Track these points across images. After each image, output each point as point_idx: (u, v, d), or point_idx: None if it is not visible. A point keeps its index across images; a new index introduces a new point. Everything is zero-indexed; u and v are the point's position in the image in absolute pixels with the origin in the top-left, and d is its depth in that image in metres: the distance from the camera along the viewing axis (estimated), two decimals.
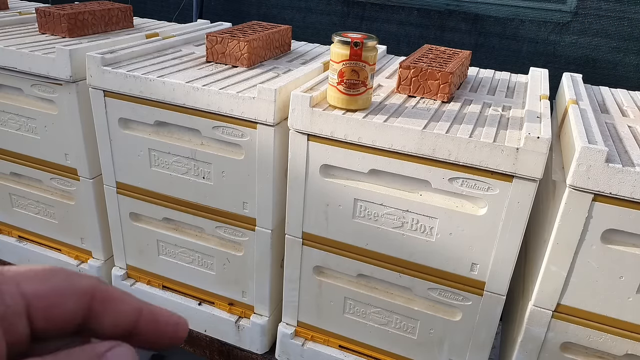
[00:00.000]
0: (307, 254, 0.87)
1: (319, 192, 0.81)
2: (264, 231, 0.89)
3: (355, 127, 0.74)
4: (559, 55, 1.19)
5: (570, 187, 0.66)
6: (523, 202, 0.70)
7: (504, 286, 0.76)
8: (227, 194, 0.88)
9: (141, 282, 1.06)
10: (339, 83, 0.75)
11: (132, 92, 0.87)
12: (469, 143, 0.69)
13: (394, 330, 0.87)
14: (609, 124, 0.79)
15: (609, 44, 1.15)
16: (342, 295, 0.87)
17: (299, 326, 0.94)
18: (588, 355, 0.76)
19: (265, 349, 0.99)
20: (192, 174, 0.90)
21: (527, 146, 0.67)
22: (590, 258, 0.69)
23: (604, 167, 0.63)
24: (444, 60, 0.88)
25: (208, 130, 0.84)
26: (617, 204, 0.65)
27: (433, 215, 0.75)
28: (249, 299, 0.96)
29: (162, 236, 0.99)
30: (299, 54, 1.07)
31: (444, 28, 1.27)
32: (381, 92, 0.86)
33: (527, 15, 1.18)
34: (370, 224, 0.80)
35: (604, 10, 1.13)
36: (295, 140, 0.79)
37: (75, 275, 0.21)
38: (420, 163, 0.73)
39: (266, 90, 0.77)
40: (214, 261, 0.96)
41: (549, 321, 0.74)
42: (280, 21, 1.39)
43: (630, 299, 0.69)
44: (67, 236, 1.11)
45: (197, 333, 1.03)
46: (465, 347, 0.83)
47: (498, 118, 0.78)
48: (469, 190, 0.72)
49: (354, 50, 0.73)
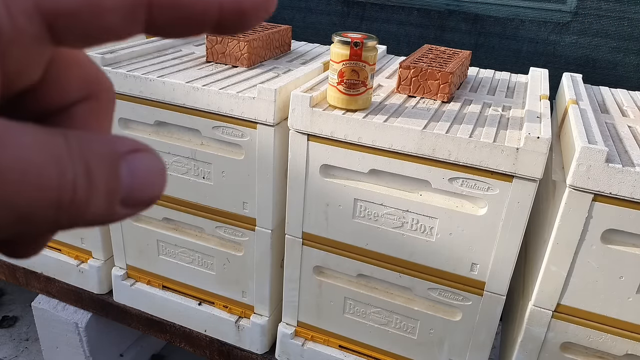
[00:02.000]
0: (307, 254, 0.87)
1: (319, 192, 0.81)
2: (264, 231, 0.89)
3: (355, 127, 0.74)
4: (559, 55, 1.19)
5: (570, 187, 0.66)
6: (523, 202, 0.70)
7: (504, 286, 0.76)
8: (227, 194, 0.88)
9: (141, 282, 1.06)
10: (339, 83, 0.75)
11: (132, 92, 0.87)
12: (469, 143, 0.69)
13: (394, 330, 0.87)
14: (609, 124, 0.79)
15: (609, 44, 1.15)
16: (342, 295, 0.87)
17: (299, 326, 0.94)
18: (588, 355, 0.76)
19: (265, 349, 0.99)
20: (192, 174, 0.90)
21: (527, 146, 0.67)
22: (590, 258, 0.69)
23: (604, 167, 0.63)
24: (444, 60, 0.88)
25: (208, 130, 0.84)
26: (617, 204, 0.65)
27: (433, 215, 0.75)
28: (249, 299, 0.96)
29: (162, 236, 0.99)
30: (299, 54, 1.07)
31: (444, 28, 1.27)
32: (381, 92, 0.86)
33: (527, 15, 1.18)
34: (370, 224, 0.80)
35: (604, 10, 1.13)
36: (295, 140, 0.79)
37: None
38: (420, 163, 0.73)
39: (266, 90, 0.77)
40: (214, 261, 0.96)
41: (549, 321, 0.74)
42: (280, 21, 1.39)
43: (630, 299, 0.69)
44: (67, 236, 1.11)
45: (197, 333, 1.03)
46: (465, 347, 0.83)
47: (498, 118, 0.78)
48: (469, 190, 0.72)
49: (354, 50, 0.73)
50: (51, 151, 0.13)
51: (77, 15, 0.13)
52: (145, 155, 0.15)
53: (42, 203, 0.13)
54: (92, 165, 0.14)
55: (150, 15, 0.14)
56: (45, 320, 1.18)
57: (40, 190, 0.13)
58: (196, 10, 0.14)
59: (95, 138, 0.14)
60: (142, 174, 0.15)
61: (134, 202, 0.15)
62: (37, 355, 1.39)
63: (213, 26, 0.15)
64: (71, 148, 0.14)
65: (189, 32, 0.15)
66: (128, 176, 0.15)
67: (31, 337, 1.45)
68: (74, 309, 1.16)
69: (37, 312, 1.18)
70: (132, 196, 0.15)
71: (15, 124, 0.13)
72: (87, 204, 0.14)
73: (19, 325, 1.50)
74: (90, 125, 0.17)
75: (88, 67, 0.17)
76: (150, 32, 0.15)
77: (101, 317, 1.14)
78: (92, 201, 0.14)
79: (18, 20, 0.13)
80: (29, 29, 0.13)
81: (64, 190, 0.13)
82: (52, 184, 0.13)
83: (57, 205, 0.13)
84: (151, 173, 0.15)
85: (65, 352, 1.19)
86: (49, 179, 0.13)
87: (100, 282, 1.10)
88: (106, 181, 0.14)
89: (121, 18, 0.14)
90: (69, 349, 1.18)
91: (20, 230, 0.13)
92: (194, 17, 0.14)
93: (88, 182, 0.14)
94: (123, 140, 0.15)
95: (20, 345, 1.43)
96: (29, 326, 1.48)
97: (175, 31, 0.15)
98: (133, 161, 0.15)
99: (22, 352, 1.41)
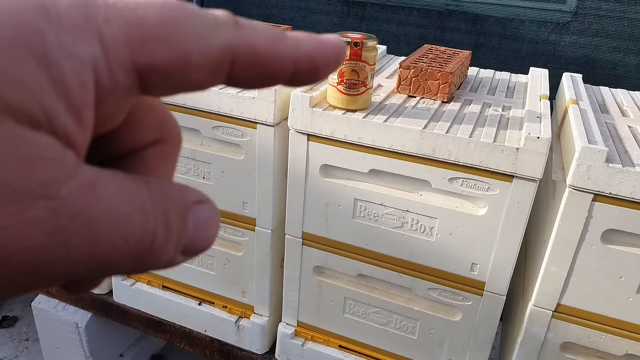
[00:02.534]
0: (307, 254, 0.87)
1: (319, 192, 0.81)
2: (264, 231, 0.89)
3: (355, 127, 0.74)
4: (559, 55, 1.19)
5: (570, 187, 0.66)
6: (523, 202, 0.70)
7: (504, 286, 0.76)
8: (227, 194, 0.88)
9: (141, 282, 1.06)
10: (339, 83, 0.75)
11: None
12: (469, 143, 0.69)
13: (394, 330, 0.87)
14: (609, 124, 0.79)
15: (609, 44, 1.15)
16: (342, 295, 0.87)
17: (299, 326, 0.94)
18: (588, 355, 0.76)
19: (265, 349, 0.99)
20: (192, 174, 0.90)
21: (527, 146, 0.67)
22: (590, 258, 0.69)
23: (604, 167, 0.63)
24: (444, 60, 0.88)
25: (208, 130, 0.84)
26: (617, 204, 0.65)
27: (433, 215, 0.75)
28: (249, 299, 0.96)
29: None
30: None
31: (444, 28, 1.27)
32: (381, 92, 0.86)
33: (527, 15, 1.18)
34: (370, 224, 0.80)
35: (604, 10, 1.13)
36: (295, 140, 0.79)
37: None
38: (420, 163, 0.73)
39: (266, 90, 0.78)
40: (213, 261, 0.96)
41: (549, 321, 0.74)
42: (280, 21, 1.39)
43: (630, 299, 0.69)
44: None
45: (197, 333, 1.03)
46: (466, 347, 0.83)
47: (498, 118, 0.78)
48: (469, 190, 0.72)
49: (354, 50, 0.73)
50: (137, 201, 0.14)
51: (168, 71, 0.14)
52: (207, 207, 0.16)
53: (124, 252, 0.13)
54: (170, 215, 0.14)
55: (232, 70, 0.15)
56: (45, 320, 1.18)
57: (125, 239, 0.13)
58: (274, 67, 0.15)
59: (170, 187, 0.15)
60: (203, 226, 0.15)
61: (192, 251, 0.15)
62: (37, 355, 1.39)
63: (287, 80, 0.16)
64: (153, 197, 0.14)
65: (265, 85, 0.16)
66: (192, 227, 0.15)
67: (31, 337, 1.45)
68: (74, 309, 1.16)
69: (37, 312, 1.18)
70: (193, 246, 0.15)
71: (106, 172, 0.13)
72: (161, 254, 0.14)
73: (19, 325, 1.50)
74: (158, 169, 0.18)
75: (162, 112, 0.18)
76: (230, 84, 0.15)
77: (101, 317, 1.14)
78: (166, 249, 0.14)
79: (116, 74, 0.13)
80: (125, 82, 0.14)
81: (145, 241, 0.14)
82: (137, 234, 0.13)
83: (137, 254, 0.14)
84: (210, 225, 0.16)
85: (65, 352, 1.19)
86: (133, 229, 0.13)
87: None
88: (177, 231, 0.15)
89: (206, 74, 0.14)
90: (69, 349, 1.18)
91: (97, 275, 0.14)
92: (271, 73, 0.15)
93: (166, 231, 0.14)
94: (190, 191, 0.16)
95: (20, 345, 1.43)
96: (29, 326, 1.48)
97: (253, 84, 0.16)
98: (198, 213, 0.15)
99: (22, 352, 1.41)
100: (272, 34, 0.15)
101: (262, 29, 0.15)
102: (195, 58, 0.14)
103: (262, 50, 0.15)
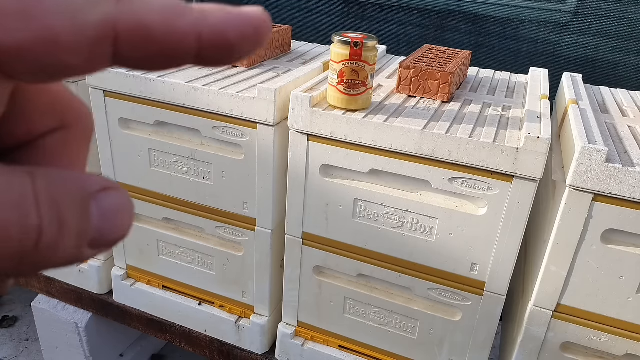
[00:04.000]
0: (307, 254, 0.87)
1: (319, 192, 0.81)
2: (264, 231, 0.89)
3: (355, 127, 0.74)
4: (559, 55, 1.19)
5: (570, 187, 0.66)
6: (523, 202, 0.70)
7: (504, 286, 0.76)
8: (227, 194, 0.88)
9: (141, 282, 1.06)
10: (339, 83, 0.75)
11: (132, 92, 0.87)
12: (469, 143, 0.69)
13: (394, 330, 0.87)
14: (609, 124, 0.79)
15: (609, 44, 1.15)
16: (342, 295, 0.87)
17: (299, 326, 0.94)
18: (588, 355, 0.76)
19: (265, 349, 0.99)
20: (192, 174, 0.90)
21: (527, 146, 0.67)
22: (590, 258, 0.69)
23: (604, 167, 0.63)
24: (444, 60, 0.88)
25: (208, 130, 0.84)
26: (617, 204, 0.65)
27: (433, 215, 0.75)
28: (249, 299, 0.96)
29: (162, 236, 0.99)
30: (299, 54, 1.07)
31: (444, 28, 1.27)
32: (381, 92, 0.86)
33: (527, 15, 1.18)
34: (370, 224, 0.80)
35: (604, 10, 1.13)
36: (295, 140, 0.79)
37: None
38: (420, 163, 0.73)
39: (266, 90, 0.77)
40: (214, 261, 0.96)
41: (549, 321, 0.74)
42: (280, 21, 1.39)
43: (630, 299, 0.69)
44: None
45: (197, 333, 1.03)
46: (466, 347, 0.83)
47: (498, 118, 0.78)
48: (469, 190, 0.72)
49: (354, 50, 0.73)
50: (13, 195, 0.12)
51: (29, 52, 0.12)
52: (115, 194, 0.14)
53: (1, 254, 0.12)
54: (62, 207, 0.13)
55: (118, 49, 0.13)
56: (45, 320, 1.18)
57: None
58: (170, 42, 0.13)
59: (65, 176, 0.13)
60: (112, 214, 0.14)
61: (102, 243, 0.14)
62: (37, 355, 1.39)
63: (192, 58, 0.14)
64: (38, 190, 0.12)
65: (165, 66, 0.14)
66: (98, 217, 0.14)
67: (31, 337, 1.45)
68: (74, 309, 1.16)
69: (37, 312, 1.18)
70: (102, 237, 0.14)
71: None
72: (55, 249, 0.13)
73: (19, 325, 1.50)
74: (61, 158, 0.16)
75: (59, 94, 0.16)
76: (121, 65, 0.13)
77: (101, 317, 1.14)
78: (61, 245, 0.13)
79: None
80: None
81: (27, 239, 0.12)
82: (13, 232, 0.12)
83: (19, 255, 0.12)
84: (121, 213, 0.14)
85: (65, 352, 1.19)
86: (7, 228, 0.12)
87: (100, 282, 1.10)
88: (77, 223, 0.13)
89: (80, 55, 0.12)
90: (69, 349, 1.18)
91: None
92: (169, 50, 0.13)
93: (58, 225, 0.12)
94: (92, 178, 0.14)
95: (20, 345, 1.43)
96: (29, 326, 1.48)
97: (149, 64, 0.14)
98: (103, 201, 0.14)
99: (22, 352, 1.41)
100: (168, 5, 0.13)
101: (155, 1, 0.13)
102: (65, 36, 0.12)
103: (154, 25, 0.13)
